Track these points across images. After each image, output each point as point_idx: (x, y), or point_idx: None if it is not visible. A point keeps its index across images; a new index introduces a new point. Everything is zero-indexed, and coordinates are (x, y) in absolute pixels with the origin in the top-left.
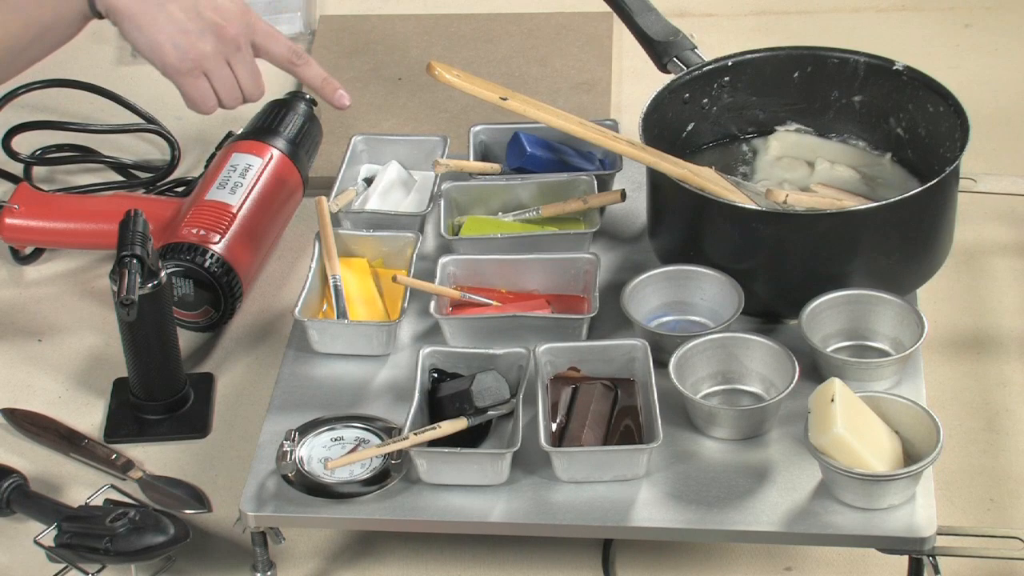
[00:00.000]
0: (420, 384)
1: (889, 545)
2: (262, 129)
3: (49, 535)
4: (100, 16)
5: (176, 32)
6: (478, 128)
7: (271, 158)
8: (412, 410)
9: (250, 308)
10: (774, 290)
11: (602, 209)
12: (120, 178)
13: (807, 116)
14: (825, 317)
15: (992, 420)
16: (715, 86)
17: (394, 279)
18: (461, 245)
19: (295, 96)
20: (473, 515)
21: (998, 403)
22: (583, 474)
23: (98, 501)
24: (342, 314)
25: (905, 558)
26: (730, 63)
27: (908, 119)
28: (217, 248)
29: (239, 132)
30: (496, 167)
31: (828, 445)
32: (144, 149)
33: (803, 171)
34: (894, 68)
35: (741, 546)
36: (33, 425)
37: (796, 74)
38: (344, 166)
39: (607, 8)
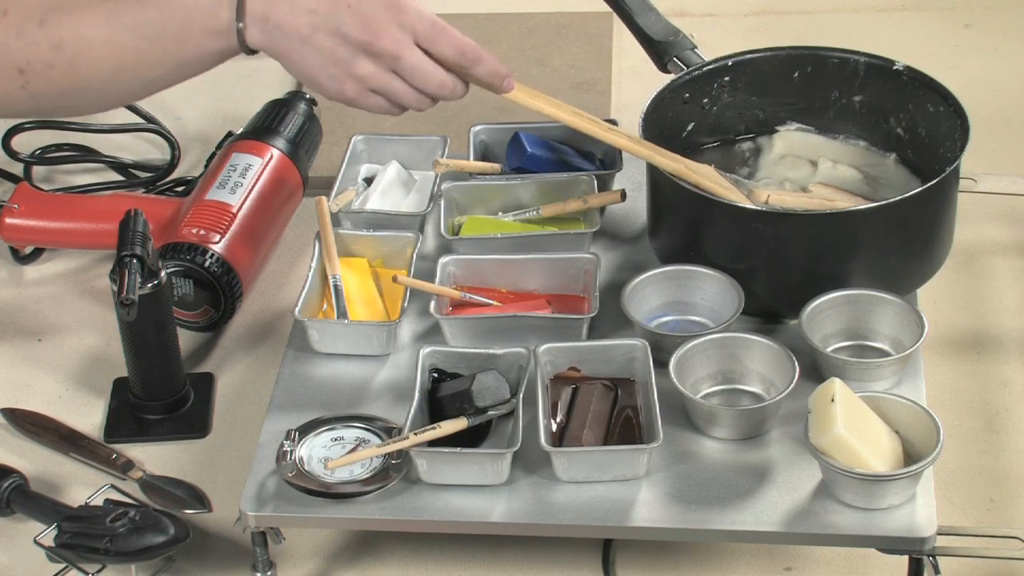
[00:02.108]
0: (420, 384)
1: (889, 545)
2: (262, 129)
3: (49, 535)
4: (252, 52)
5: (327, 64)
6: (478, 128)
7: (271, 158)
8: (412, 410)
9: (250, 308)
10: (774, 290)
11: (602, 209)
12: (120, 178)
13: (807, 116)
14: (825, 317)
15: (992, 420)
16: (715, 86)
17: (394, 279)
18: (461, 245)
19: (295, 96)
20: (473, 515)
21: (998, 403)
22: (583, 474)
23: (98, 501)
24: (342, 314)
25: (905, 558)
26: (730, 63)
27: (908, 119)
28: (217, 248)
29: (239, 132)
30: (496, 167)
31: (828, 445)
32: (144, 149)
33: (806, 170)
34: (894, 68)
35: (741, 546)
36: (33, 425)
37: (796, 74)
38: (344, 166)
39: (607, 8)
